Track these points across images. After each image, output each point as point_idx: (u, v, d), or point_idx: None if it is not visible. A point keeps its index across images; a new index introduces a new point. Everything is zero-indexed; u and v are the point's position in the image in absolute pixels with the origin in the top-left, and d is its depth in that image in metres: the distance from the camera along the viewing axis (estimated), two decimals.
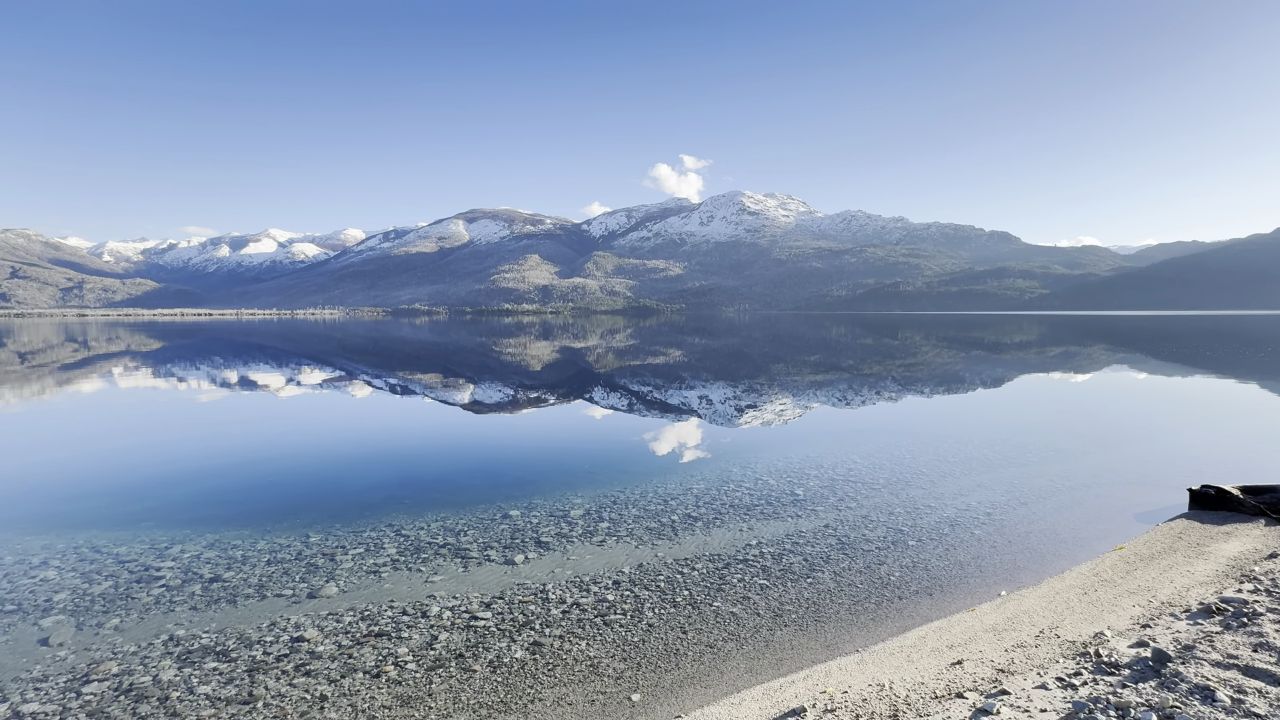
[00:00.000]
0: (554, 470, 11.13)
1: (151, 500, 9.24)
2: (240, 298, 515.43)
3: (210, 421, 16.39)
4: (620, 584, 6.28)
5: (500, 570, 6.68)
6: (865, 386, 22.82)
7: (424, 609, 5.73)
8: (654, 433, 14.60)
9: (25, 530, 7.87)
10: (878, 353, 40.55)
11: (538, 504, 9.04)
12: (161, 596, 6.03)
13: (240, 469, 11.24)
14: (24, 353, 42.87)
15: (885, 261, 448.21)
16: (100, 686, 4.53)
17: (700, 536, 7.66)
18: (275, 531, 7.84)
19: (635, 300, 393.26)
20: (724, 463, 11.48)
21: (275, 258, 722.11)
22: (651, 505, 8.93)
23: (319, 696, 4.40)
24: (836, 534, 7.64)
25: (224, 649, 5.06)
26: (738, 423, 15.73)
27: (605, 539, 7.60)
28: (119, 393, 22.54)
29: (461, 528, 8.01)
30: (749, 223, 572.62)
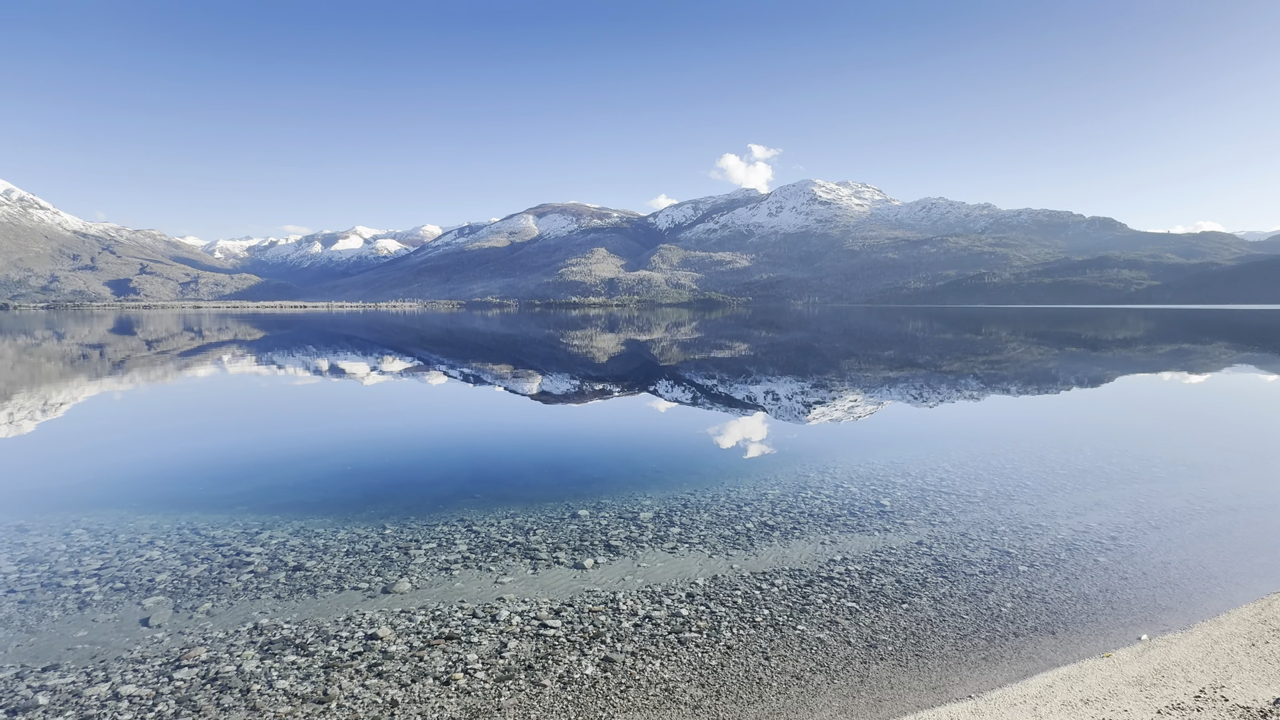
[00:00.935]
0: (622, 468, 10.91)
1: (246, 484, 9.75)
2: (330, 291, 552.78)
3: (300, 408, 17.37)
4: (694, 597, 5.93)
5: (569, 574, 6.49)
6: (945, 385, 21.25)
7: (494, 612, 5.60)
8: (722, 430, 14.11)
9: (139, 510, 8.46)
10: (958, 348, 37.90)
11: (606, 504, 8.82)
12: (250, 583, 6.24)
13: (325, 456, 11.73)
14: (150, 340, 47.60)
15: (968, 252, 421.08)
16: (190, 673, 4.66)
17: (778, 548, 7.17)
18: (355, 521, 8.03)
19: (701, 293, 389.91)
20: (799, 466, 10.85)
21: (361, 253, 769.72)
22: (724, 510, 8.51)
23: (390, 701, 4.32)
24: (932, 553, 6.93)
25: (303, 642, 5.11)
26: (810, 422, 14.95)
27: (677, 546, 7.26)
28: (226, 379, 24.46)
29: (530, 526, 7.91)
30: (820, 213, 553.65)
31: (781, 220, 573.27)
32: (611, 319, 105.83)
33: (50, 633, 5.27)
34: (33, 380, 23.42)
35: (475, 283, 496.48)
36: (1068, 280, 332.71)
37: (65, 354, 35.41)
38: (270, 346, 41.50)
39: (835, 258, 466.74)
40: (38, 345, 41.80)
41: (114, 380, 23.59)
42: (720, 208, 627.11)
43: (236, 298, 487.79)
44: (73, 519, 8.05)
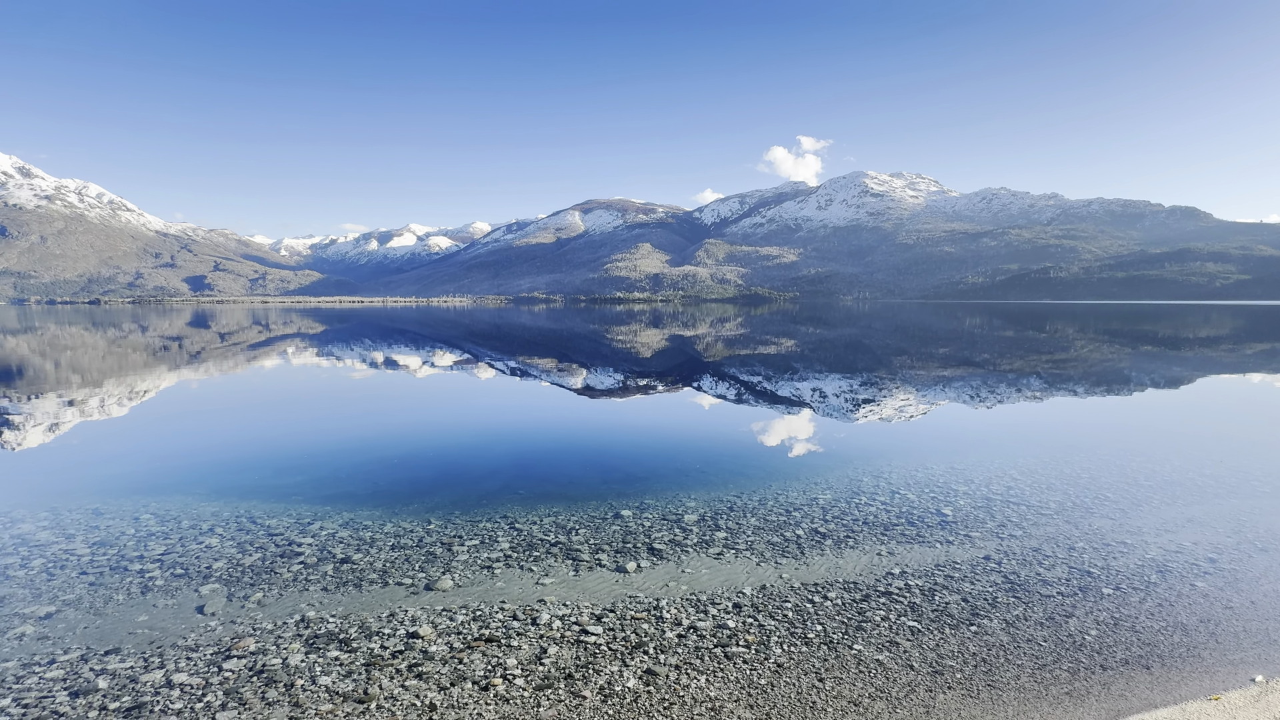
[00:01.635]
0: (666, 467, 10.68)
1: (302, 475, 10.03)
2: (386, 286, 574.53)
3: (354, 400, 17.91)
4: (741, 608, 5.64)
5: (611, 578, 6.31)
6: (1005, 385, 20.01)
7: (534, 615, 5.48)
8: (769, 429, 13.67)
9: (202, 497, 8.81)
10: (1020, 346, 35.80)
11: (650, 504, 8.61)
12: (299, 574, 6.34)
13: (376, 447, 11.98)
14: (222, 334, 50.49)
15: (1032, 244, 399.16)
16: (238, 664, 4.72)
17: (831, 558, 6.79)
18: (401, 515, 8.11)
19: (747, 288, 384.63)
20: (851, 469, 10.35)
21: (415, 250, 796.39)
22: (772, 515, 8.16)
23: (428, 704, 4.25)
24: (1002, 570, 6.41)
25: (347, 637, 5.12)
26: (859, 421, 14.31)
27: (723, 551, 6.98)
28: (288, 371, 25.58)
29: (573, 525, 7.78)
30: (871, 205, 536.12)
31: (831, 213, 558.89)
32: (655, 314, 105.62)
33: (114, 616, 5.47)
34: (120, 370, 25.12)
35: (522, 278, 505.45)
36: (1143, 274, 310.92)
37: (148, 346, 37.92)
38: (329, 340, 43.28)
39: (887, 252, 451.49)
40: (125, 337, 44.94)
41: (190, 371, 25.04)
42: (767, 201, 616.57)
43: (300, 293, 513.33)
44: (142, 504, 8.45)
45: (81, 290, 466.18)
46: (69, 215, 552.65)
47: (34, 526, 7.57)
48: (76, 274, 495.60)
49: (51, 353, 32.73)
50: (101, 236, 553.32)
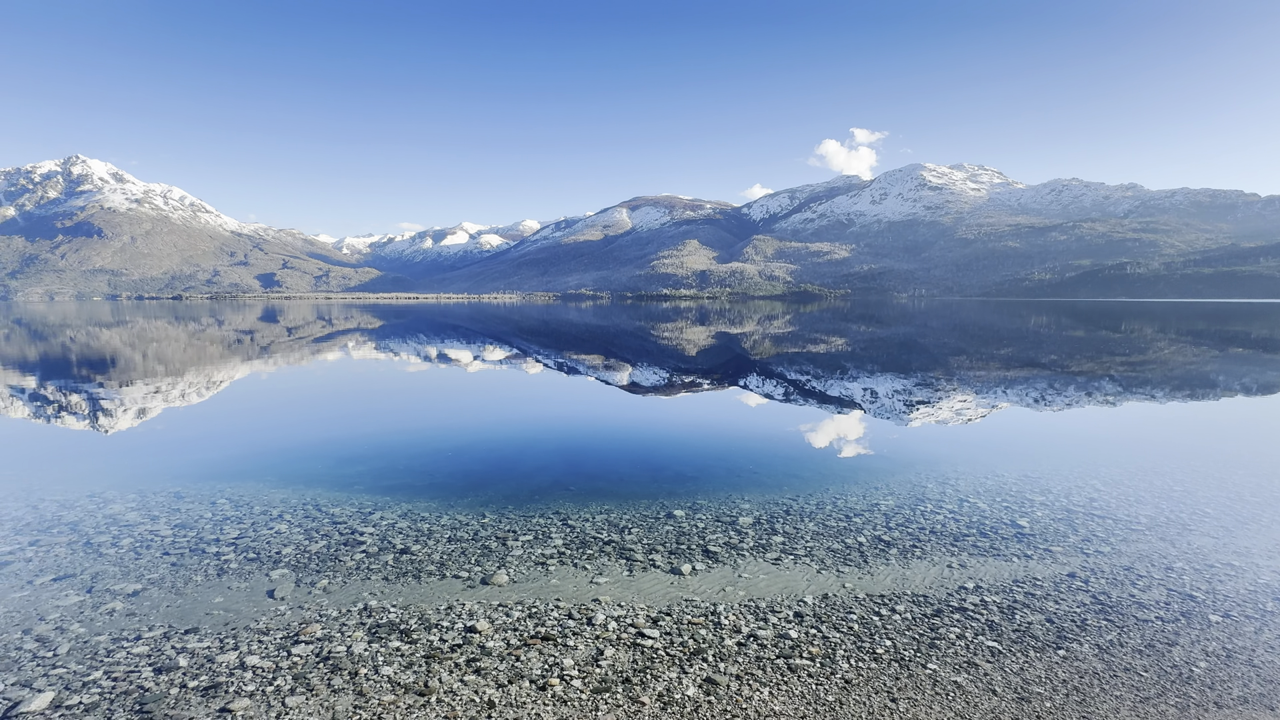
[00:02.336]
0: (717, 467, 10.47)
1: (363, 465, 10.36)
2: (440, 283, 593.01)
3: (410, 393, 18.45)
4: (803, 617, 5.41)
5: (666, 580, 6.19)
6: (1074, 388, 18.72)
7: (589, 615, 5.42)
8: (822, 430, 13.23)
9: (272, 484, 9.20)
10: (1091, 347, 33.51)
11: (702, 505, 8.44)
12: (362, 563, 6.50)
13: (431, 440, 12.27)
14: (290, 328, 53.24)
15: (1107, 238, 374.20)
16: (306, 650, 4.84)
17: (897, 568, 6.45)
18: (457, 507, 8.23)
19: (796, 285, 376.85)
20: (914, 474, 9.87)
21: (467, 248, 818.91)
22: (831, 520, 7.84)
23: (487, 702, 4.23)
24: (1090, 589, 5.91)
25: (407, 628, 5.19)
26: (914, 423, 13.66)
27: (780, 557, 6.74)
28: (349, 364, 26.68)
29: (625, 524, 7.70)
30: (929, 199, 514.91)
31: (885, 208, 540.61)
32: (702, 311, 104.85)
33: (193, 596, 5.74)
34: (198, 361, 26.81)
35: (570, 275, 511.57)
36: (1235, 270, 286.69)
37: (223, 339, 40.37)
38: (386, 334, 44.94)
39: (945, 247, 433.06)
40: (203, 331, 48.01)
41: (260, 363, 26.46)
42: (818, 196, 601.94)
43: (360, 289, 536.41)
44: (218, 488, 8.89)
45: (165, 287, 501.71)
46: (155, 217, 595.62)
47: (123, 507, 8.07)
48: (161, 271, 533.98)
49: (140, 345, 35.28)
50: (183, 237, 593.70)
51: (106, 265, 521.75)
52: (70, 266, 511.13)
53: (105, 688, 4.34)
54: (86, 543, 6.89)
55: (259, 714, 4.07)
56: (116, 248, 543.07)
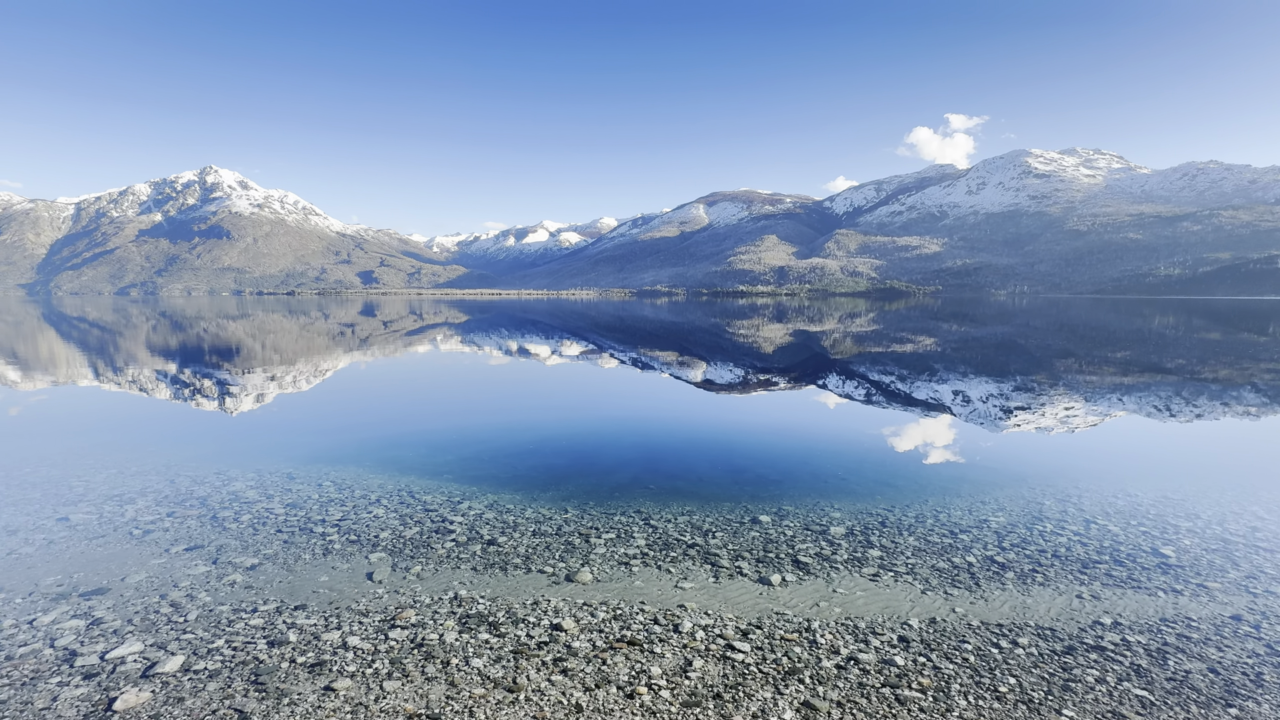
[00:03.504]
0: (801, 471, 9.99)
1: (452, 454, 10.74)
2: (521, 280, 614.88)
3: (493, 385, 19.07)
4: (909, 643, 4.96)
5: (755, 589, 5.90)
6: (1206, 397, 16.36)
7: (676, 622, 5.24)
8: (913, 436, 12.34)
9: (371, 469, 9.72)
10: (1229, 351, 29.34)
11: (789, 511, 8.05)
12: (452, 551, 6.67)
13: (513, 432, 12.55)
14: (385, 322, 56.95)
15: (1252, 228, 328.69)
16: (401, 634, 4.98)
17: (1015, 594, 5.80)
18: (540, 501, 8.31)
19: (881, 281, 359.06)
20: (1026, 489, 8.95)
21: (547, 245, 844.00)
22: (934, 536, 7.23)
23: (574, 704, 4.15)
24: (1262, 637, 5.04)
25: (495, 620, 5.23)
26: (1022, 433, 12.41)
27: (879, 573, 6.26)
28: (436, 356, 28.07)
29: (709, 527, 7.46)
30: (1034, 188, 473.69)
31: (983, 198, 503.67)
32: (780, 308, 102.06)
33: (302, 573, 6.09)
34: (308, 352, 29.16)
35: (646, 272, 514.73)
36: None
37: (328, 331, 43.78)
38: (471, 329, 47.00)
39: (1052, 239, 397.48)
40: (312, 324, 52.31)
41: (359, 354, 28.40)
42: (908, 187, 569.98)
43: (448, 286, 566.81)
44: (324, 472, 9.49)
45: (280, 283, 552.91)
46: (273, 220, 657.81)
47: (244, 485, 8.78)
48: (278, 269, 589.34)
49: (259, 336, 38.93)
50: (296, 237, 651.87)
51: (233, 264, 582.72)
52: (204, 265, 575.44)
53: (226, 656, 4.65)
54: (213, 517, 7.53)
55: (359, 695, 4.20)
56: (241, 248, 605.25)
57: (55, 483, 8.75)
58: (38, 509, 7.71)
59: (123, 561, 6.24)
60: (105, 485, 8.68)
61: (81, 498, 8.15)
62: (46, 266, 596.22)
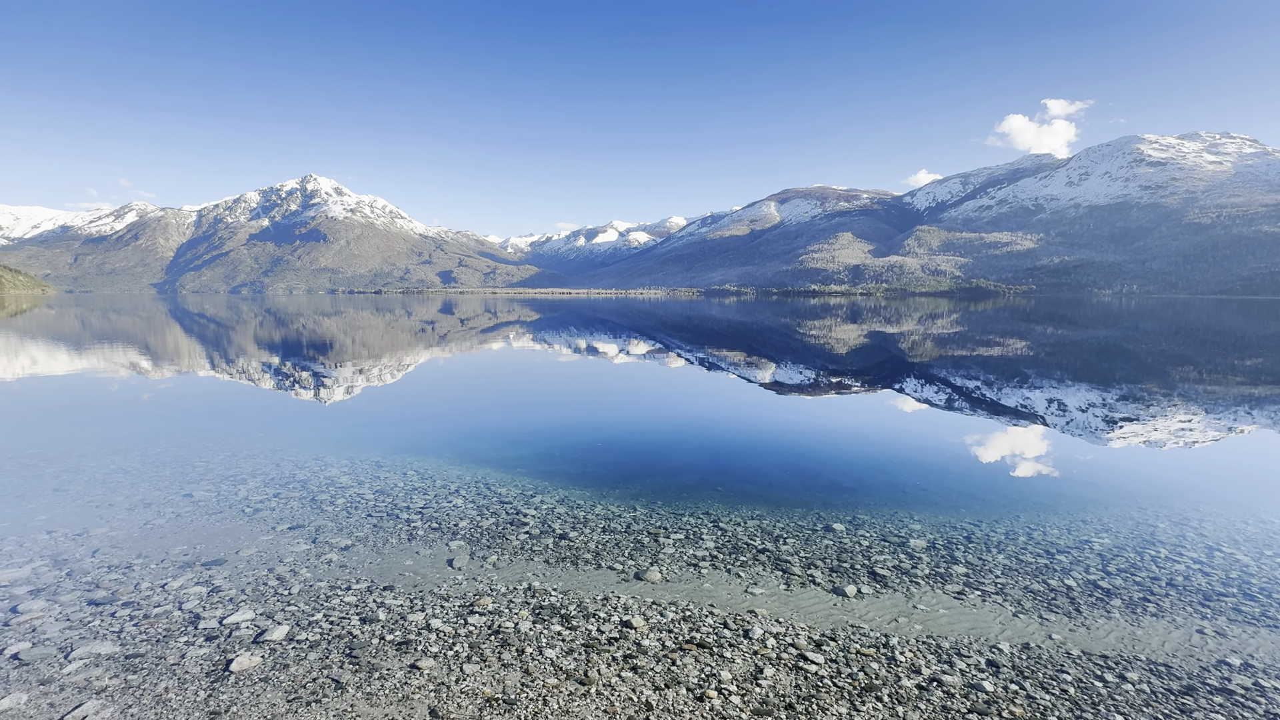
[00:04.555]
0: (877, 479, 9.58)
1: (525, 449, 11.09)
2: (590, 279, 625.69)
3: (562, 381, 19.52)
4: (999, 668, 4.65)
5: (828, 599, 5.72)
6: None
7: (746, 627, 5.17)
8: (1000, 446, 11.53)
9: (450, 460, 10.21)
10: None
11: (864, 520, 7.74)
12: (525, 543, 6.90)
13: (583, 430, 12.80)
14: (463, 319, 59.63)
15: None
16: (479, 621, 5.20)
17: (1123, 624, 5.31)
18: (609, 498, 8.44)
19: (965, 280, 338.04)
20: (1135, 509, 8.16)
21: (616, 245, 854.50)
22: (1027, 555, 6.73)
23: (644, 702, 4.18)
24: None
25: (567, 614, 5.36)
26: (1128, 446, 11.28)
27: (964, 590, 5.91)
28: (509, 352, 29.08)
29: (779, 533, 7.31)
30: (1146, 177, 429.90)
31: (1086, 190, 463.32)
32: (854, 308, 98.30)
33: (390, 556, 6.49)
34: (392, 347, 31.03)
35: (714, 271, 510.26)
36: None
37: (411, 328, 46.37)
38: (542, 327, 48.35)
39: (1167, 234, 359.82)
40: (396, 321, 55.60)
41: (439, 349, 29.91)
42: (998, 180, 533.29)
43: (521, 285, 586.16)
44: (408, 461, 10.06)
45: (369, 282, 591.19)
46: (364, 224, 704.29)
47: (338, 471, 9.46)
48: (367, 270, 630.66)
49: (350, 331, 41.81)
50: (383, 240, 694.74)
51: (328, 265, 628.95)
52: (303, 266, 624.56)
53: (324, 629, 5.03)
54: (312, 499, 8.16)
55: (442, 675, 4.43)
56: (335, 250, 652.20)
57: (181, 462, 9.78)
58: (167, 485, 8.65)
59: (236, 536, 6.89)
60: (222, 466, 9.60)
61: (203, 476, 9.06)
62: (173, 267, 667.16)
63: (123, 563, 6.14)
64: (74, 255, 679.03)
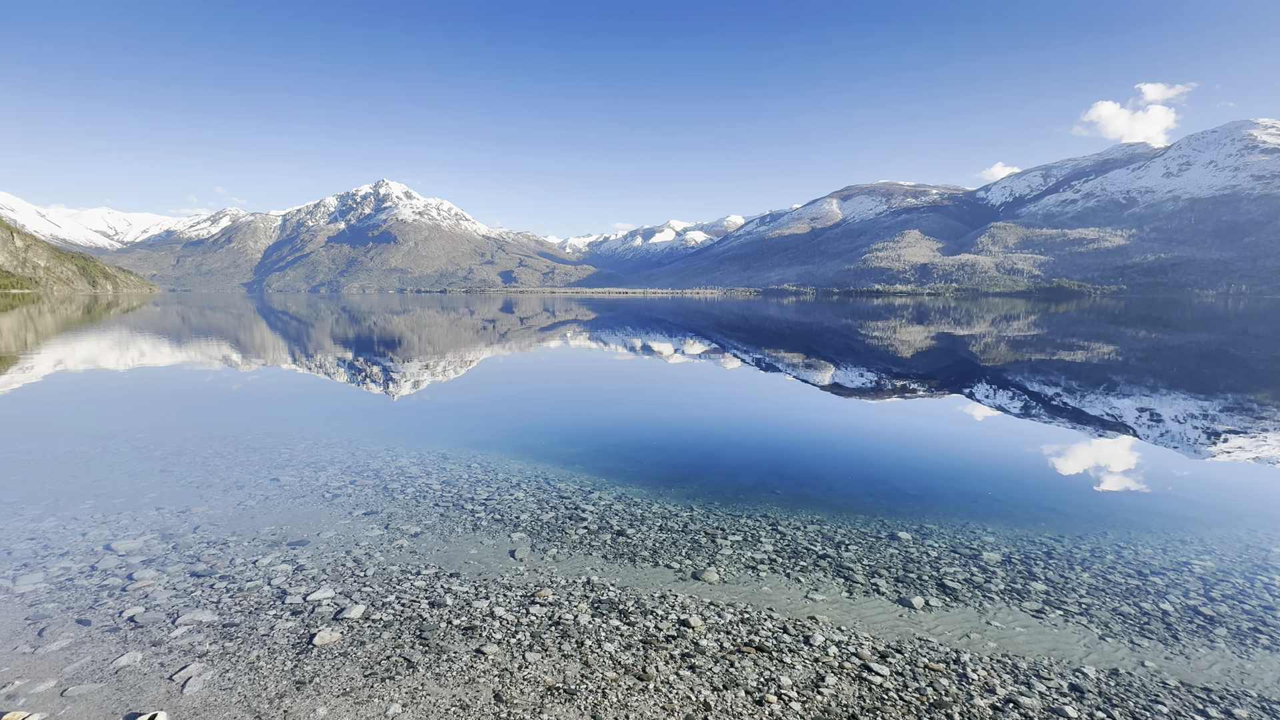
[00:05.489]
0: (945, 488, 9.15)
1: (583, 446, 11.28)
2: (647, 279, 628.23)
3: (618, 380, 19.69)
4: (1083, 693, 4.35)
5: (893, 610, 5.52)
6: None
7: (806, 633, 5.06)
8: (1083, 457, 10.74)
9: (511, 455, 10.51)
10: None
11: (932, 530, 7.42)
12: (584, 538, 7.02)
13: (638, 428, 12.88)
14: (522, 318, 61.22)
15: None
16: (540, 611, 5.34)
17: (1229, 656, 4.85)
18: (665, 497, 8.45)
19: (1045, 279, 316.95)
20: (1244, 530, 7.44)
21: (673, 245, 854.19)
22: (1115, 576, 6.26)
23: (702, 702, 4.18)
24: None
25: (625, 609, 5.42)
26: (1234, 462, 10.22)
27: (1044, 609, 5.56)
28: (566, 350, 29.61)
29: (840, 539, 7.11)
30: (1260, 165, 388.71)
31: (1187, 181, 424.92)
32: (921, 309, 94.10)
33: (456, 544, 6.76)
34: (456, 344, 32.24)
35: (773, 270, 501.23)
36: None
37: (474, 325, 48.02)
38: (598, 326, 48.94)
39: None
40: (460, 319, 57.73)
41: (500, 347, 30.83)
42: (1084, 172, 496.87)
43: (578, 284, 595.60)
44: (472, 454, 10.43)
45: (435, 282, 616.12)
46: (430, 226, 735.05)
47: (407, 461, 9.93)
48: (433, 270, 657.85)
49: (417, 329, 43.74)
50: (449, 241, 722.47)
51: (398, 265, 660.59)
52: (375, 266, 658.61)
53: (396, 610, 5.30)
54: (384, 487, 8.61)
55: (505, 661, 4.58)
56: (404, 251, 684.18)
57: (268, 449, 10.54)
58: (256, 469, 9.34)
59: (317, 519, 7.36)
60: (304, 453, 10.27)
61: (287, 462, 9.72)
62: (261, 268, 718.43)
63: (219, 539, 6.69)
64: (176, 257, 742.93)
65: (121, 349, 27.10)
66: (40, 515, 7.28)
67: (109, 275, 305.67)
